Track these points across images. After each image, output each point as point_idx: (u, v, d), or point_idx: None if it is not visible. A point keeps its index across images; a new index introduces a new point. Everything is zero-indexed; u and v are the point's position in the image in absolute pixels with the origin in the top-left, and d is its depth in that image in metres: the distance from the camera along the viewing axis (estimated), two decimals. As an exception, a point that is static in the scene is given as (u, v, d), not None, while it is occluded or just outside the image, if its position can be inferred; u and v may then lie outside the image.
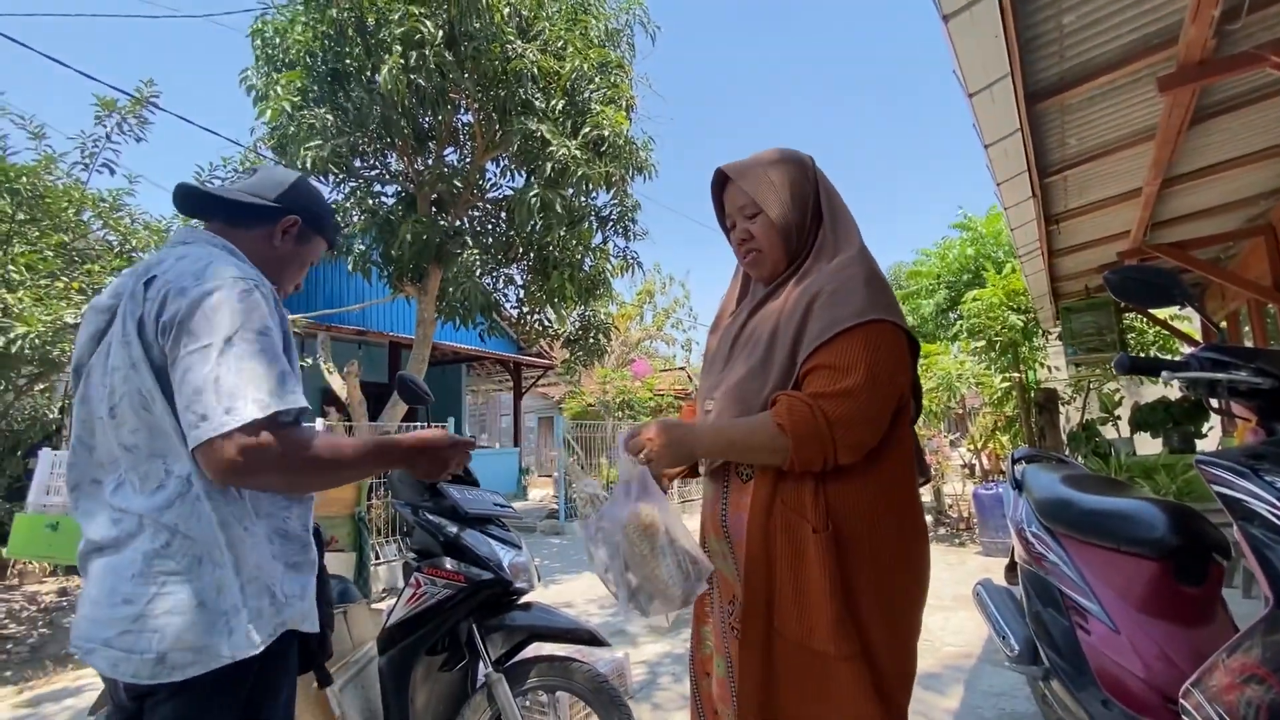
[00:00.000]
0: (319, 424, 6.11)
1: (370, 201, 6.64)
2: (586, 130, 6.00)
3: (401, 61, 5.20)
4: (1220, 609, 1.64)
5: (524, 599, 2.06)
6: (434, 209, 6.82)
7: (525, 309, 7.83)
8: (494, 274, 7.58)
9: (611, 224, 7.34)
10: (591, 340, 8.49)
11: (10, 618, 4.34)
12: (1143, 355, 3.75)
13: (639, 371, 12.57)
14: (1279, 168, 4.06)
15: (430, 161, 6.83)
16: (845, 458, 1.04)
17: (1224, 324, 6.99)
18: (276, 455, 0.93)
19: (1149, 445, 6.63)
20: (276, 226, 1.17)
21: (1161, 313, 7.05)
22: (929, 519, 7.44)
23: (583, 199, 6.54)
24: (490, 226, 7.41)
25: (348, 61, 5.77)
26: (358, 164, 6.72)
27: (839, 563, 1.03)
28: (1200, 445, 6.13)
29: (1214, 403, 1.40)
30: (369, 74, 5.64)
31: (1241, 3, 2.22)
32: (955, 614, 3.99)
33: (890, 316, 1.09)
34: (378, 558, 5.38)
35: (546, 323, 8.23)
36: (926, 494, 8.01)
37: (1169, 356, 7.06)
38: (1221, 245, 5.73)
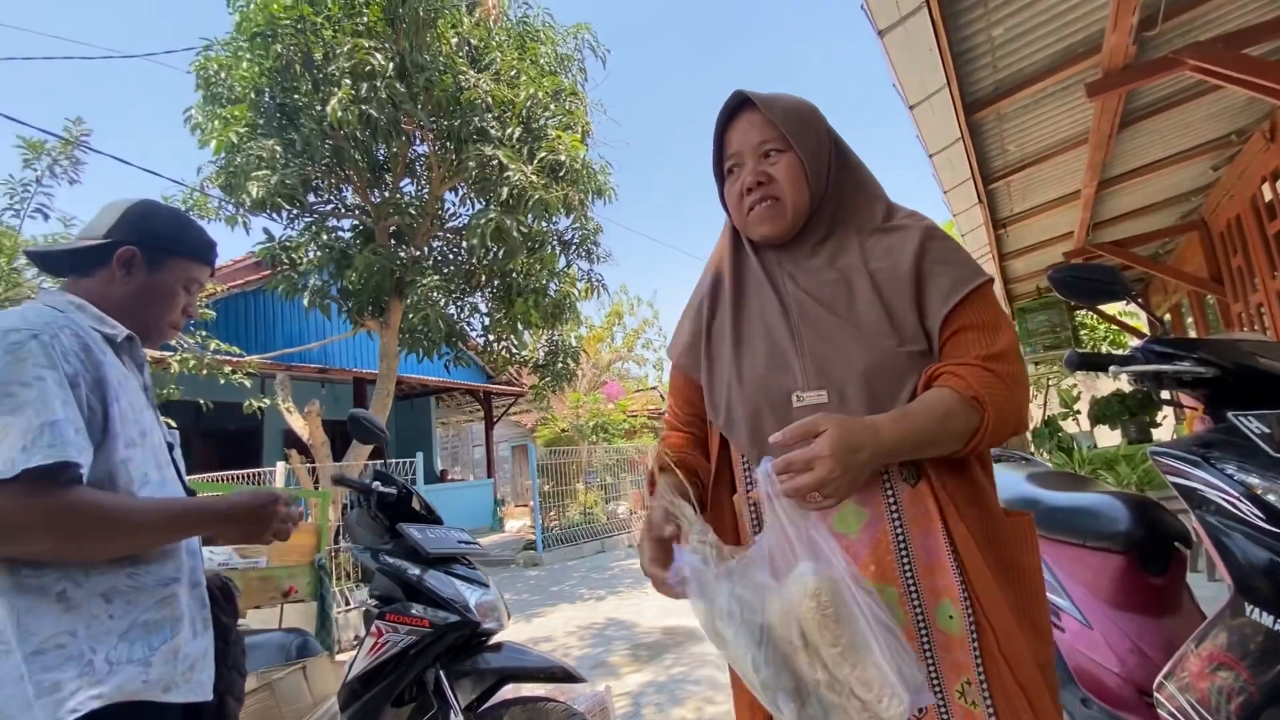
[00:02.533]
0: (279, 467, 5.89)
1: (325, 236, 6.51)
2: (542, 155, 6.02)
3: (352, 93, 5.15)
4: (1186, 596, 1.66)
5: (494, 639, 1.98)
6: (393, 241, 6.73)
7: (491, 337, 7.75)
8: (458, 303, 7.49)
9: (574, 248, 7.34)
10: (560, 365, 8.42)
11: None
12: (1091, 351, 3.84)
13: (611, 394, 12.52)
14: (1206, 165, 4.28)
15: (387, 193, 6.75)
16: (1025, 426, 0.92)
17: (1168, 317, 7.28)
18: (32, 517, 0.85)
19: (1109, 437, 6.83)
20: (112, 263, 1.10)
21: (1110, 308, 7.31)
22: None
23: (543, 224, 6.53)
24: (452, 256, 7.35)
25: (296, 96, 5.69)
26: (311, 199, 6.60)
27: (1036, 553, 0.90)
28: (1156, 434, 6.34)
29: (1163, 394, 1.43)
30: (319, 107, 5.57)
31: (1157, 10, 2.33)
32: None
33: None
34: (348, 603, 5.16)
35: (513, 350, 8.15)
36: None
37: (1119, 351, 7.31)
38: (1160, 241, 5.99)
